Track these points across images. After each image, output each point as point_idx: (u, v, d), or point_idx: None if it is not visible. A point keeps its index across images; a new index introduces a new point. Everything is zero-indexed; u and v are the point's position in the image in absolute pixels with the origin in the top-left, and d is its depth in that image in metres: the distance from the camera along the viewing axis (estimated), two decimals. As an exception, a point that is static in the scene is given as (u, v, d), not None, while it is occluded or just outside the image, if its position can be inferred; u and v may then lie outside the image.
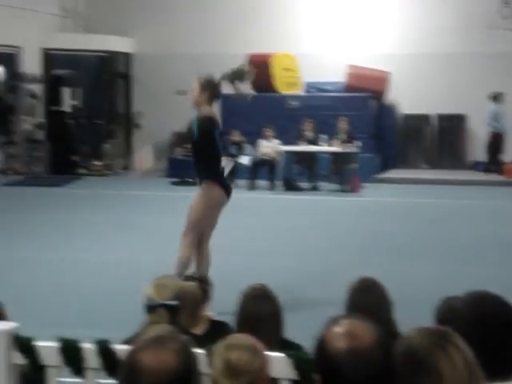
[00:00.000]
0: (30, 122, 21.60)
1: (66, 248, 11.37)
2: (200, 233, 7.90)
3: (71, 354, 3.45)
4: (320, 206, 16.31)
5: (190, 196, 8.10)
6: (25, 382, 3.54)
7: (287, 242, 11.90)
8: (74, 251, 11.12)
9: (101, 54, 22.19)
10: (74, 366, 3.46)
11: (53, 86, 21.37)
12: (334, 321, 2.50)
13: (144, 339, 2.51)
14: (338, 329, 2.45)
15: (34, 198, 17.14)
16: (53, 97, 21.32)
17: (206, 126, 7.71)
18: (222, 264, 8.61)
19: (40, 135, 21.84)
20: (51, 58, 22.03)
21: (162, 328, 2.69)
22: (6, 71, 21.00)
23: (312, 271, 9.98)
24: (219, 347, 2.87)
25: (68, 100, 21.35)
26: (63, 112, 21.26)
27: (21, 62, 21.58)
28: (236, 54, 18.17)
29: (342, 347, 2.39)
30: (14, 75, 21.48)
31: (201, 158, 7.82)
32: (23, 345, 3.51)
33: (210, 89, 7.79)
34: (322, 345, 2.44)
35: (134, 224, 13.46)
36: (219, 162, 7.89)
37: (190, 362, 2.49)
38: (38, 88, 21.69)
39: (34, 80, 21.47)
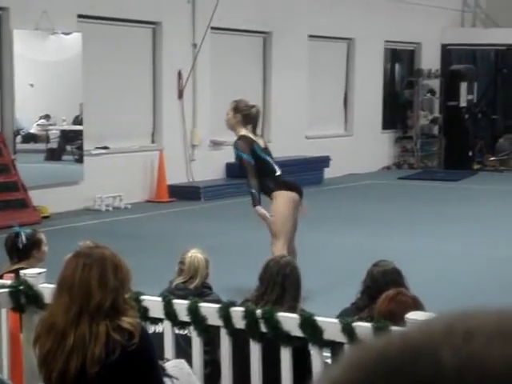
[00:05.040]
0: (426, 116, 21.96)
1: (463, 240, 11.49)
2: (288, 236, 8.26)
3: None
4: None
5: None
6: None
7: None
8: (472, 244, 11.20)
9: (500, 47, 21.93)
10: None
11: (450, 81, 21.52)
12: None
13: None
14: None
15: (427, 191, 17.43)
16: (450, 92, 21.47)
17: (239, 149, 8.17)
18: None
19: (435, 130, 22.13)
20: (449, 53, 22.25)
21: None
22: (405, 67, 21.63)
23: None
24: None
25: (464, 95, 21.38)
26: (459, 107, 21.32)
27: (420, 57, 22.05)
28: None
29: None
30: (413, 71, 22.01)
31: (255, 178, 8.22)
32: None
33: (241, 112, 8.26)
34: None
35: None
36: (273, 171, 8.27)
37: None
38: (435, 83, 21.99)
39: (431, 75, 21.80)
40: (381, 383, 0.54)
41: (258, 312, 4.28)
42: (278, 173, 8.38)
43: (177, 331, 4.71)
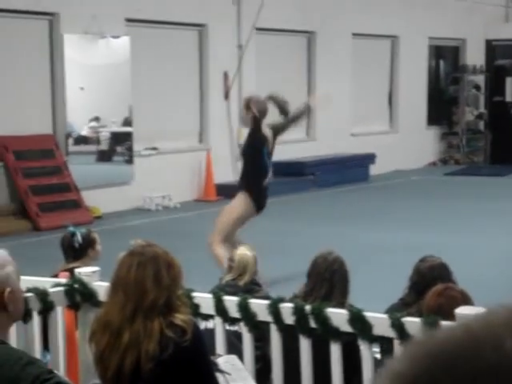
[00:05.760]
0: (471, 112, 21.82)
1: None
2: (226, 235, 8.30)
3: None
4: None
5: None
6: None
7: None
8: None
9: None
10: None
11: (495, 76, 21.35)
12: None
13: None
14: None
15: (474, 187, 17.34)
16: (495, 87, 21.32)
17: (253, 142, 8.21)
18: None
19: (481, 126, 21.99)
20: (494, 49, 22.08)
21: None
22: (450, 63, 21.54)
23: None
24: None
25: (509, 90, 21.20)
26: (505, 102, 21.15)
27: (464, 53, 21.93)
28: None
29: None
30: (458, 67, 21.89)
31: (245, 169, 8.35)
32: None
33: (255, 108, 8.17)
34: None
35: None
36: (260, 177, 8.29)
37: None
38: (480, 79, 21.84)
39: (476, 71, 21.66)
40: (444, 374, 0.55)
41: (307, 308, 4.34)
42: (263, 182, 8.48)
43: (227, 327, 4.79)
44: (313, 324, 4.30)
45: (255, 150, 8.37)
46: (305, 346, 4.41)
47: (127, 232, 11.35)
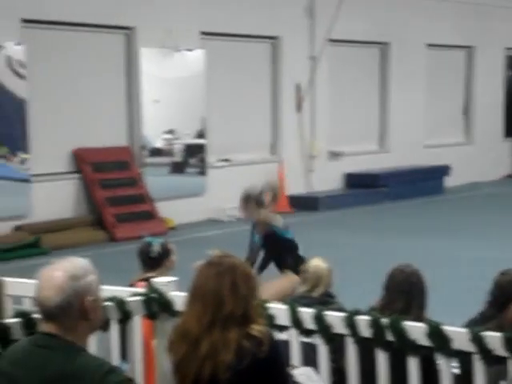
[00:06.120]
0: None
1: None
2: None
3: None
4: None
5: None
6: None
7: None
8: None
9: None
10: None
11: None
12: None
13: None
14: None
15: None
16: None
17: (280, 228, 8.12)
18: None
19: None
20: None
21: None
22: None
23: None
24: None
25: None
26: None
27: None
28: None
29: None
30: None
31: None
32: None
33: (253, 201, 8.10)
34: None
35: None
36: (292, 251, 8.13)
37: None
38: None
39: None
40: None
41: (385, 321, 4.30)
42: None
43: (302, 339, 4.77)
44: (390, 337, 4.26)
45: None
46: (382, 359, 4.37)
47: (200, 243, 11.43)
